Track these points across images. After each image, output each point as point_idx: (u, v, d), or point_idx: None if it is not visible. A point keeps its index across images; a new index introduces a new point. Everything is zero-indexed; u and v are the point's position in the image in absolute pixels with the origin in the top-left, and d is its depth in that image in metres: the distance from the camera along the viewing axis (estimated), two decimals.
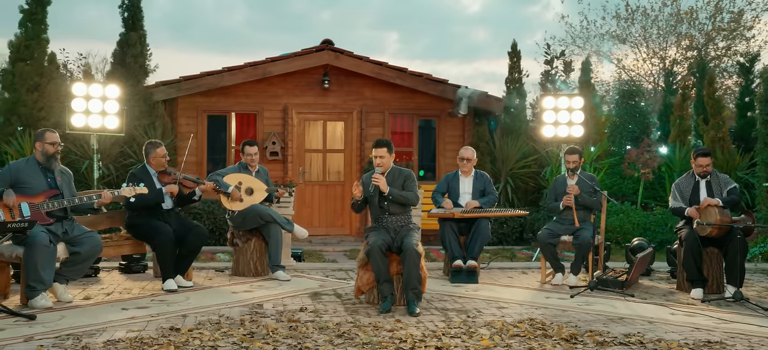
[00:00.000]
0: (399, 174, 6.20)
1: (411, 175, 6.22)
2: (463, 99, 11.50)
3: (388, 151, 6.15)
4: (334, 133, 11.81)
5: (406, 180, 6.15)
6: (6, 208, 5.67)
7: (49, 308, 5.57)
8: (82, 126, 8.90)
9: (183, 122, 11.25)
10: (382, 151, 6.12)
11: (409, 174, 6.22)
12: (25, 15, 10.27)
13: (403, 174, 6.21)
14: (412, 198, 6.11)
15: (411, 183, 6.15)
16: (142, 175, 6.64)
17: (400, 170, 6.24)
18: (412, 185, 6.16)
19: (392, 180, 6.15)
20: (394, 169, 6.23)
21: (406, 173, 6.22)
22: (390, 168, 6.21)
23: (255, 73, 11.16)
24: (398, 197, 6.04)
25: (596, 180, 7.57)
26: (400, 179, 6.17)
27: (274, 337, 4.81)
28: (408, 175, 6.20)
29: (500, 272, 8.16)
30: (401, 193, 6.07)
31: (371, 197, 6.14)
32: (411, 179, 6.17)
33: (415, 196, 6.13)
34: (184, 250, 6.65)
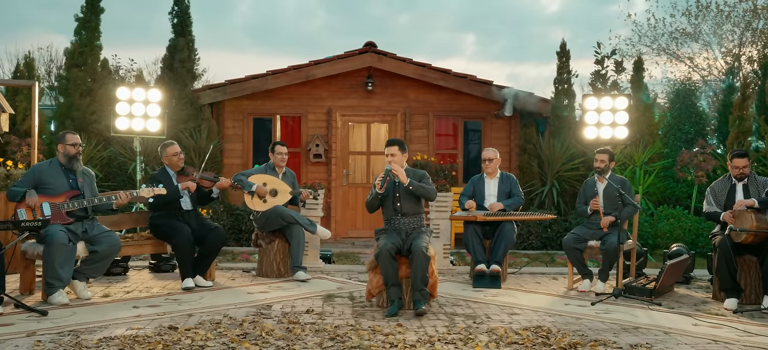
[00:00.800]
0: (413, 174, 6.14)
1: (426, 174, 6.17)
2: (508, 100, 11.29)
3: (400, 149, 6.10)
4: (378, 135, 11.81)
5: (422, 178, 6.09)
6: (28, 208, 5.91)
7: (65, 305, 5.77)
8: (125, 129, 9.20)
9: (229, 125, 11.47)
10: (393, 148, 6.08)
11: (424, 173, 6.16)
12: (80, 23, 10.72)
13: (418, 173, 6.15)
14: (431, 192, 6.06)
15: (427, 180, 6.10)
16: (161, 176, 6.81)
17: (414, 170, 6.19)
18: (428, 182, 6.10)
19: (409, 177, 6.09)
20: (408, 170, 6.17)
21: (421, 172, 6.17)
22: (404, 167, 6.15)
23: (298, 75, 11.27)
24: (418, 188, 5.97)
25: (627, 184, 7.28)
26: (416, 178, 6.11)
27: (266, 339, 4.82)
28: (423, 174, 6.14)
29: (530, 277, 7.96)
30: (421, 185, 5.99)
31: (386, 197, 6.09)
32: (426, 177, 6.12)
33: (433, 190, 6.09)
34: (203, 250, 6.77)
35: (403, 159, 6.15)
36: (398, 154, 6.08)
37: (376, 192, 6.06)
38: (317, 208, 8.13)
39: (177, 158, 6.91)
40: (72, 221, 6.05)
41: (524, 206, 11.06)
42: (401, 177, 5.95)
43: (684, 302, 6.58)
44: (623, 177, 7.46)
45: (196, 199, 6.95)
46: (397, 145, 6.10)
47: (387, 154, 6.13)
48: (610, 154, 7.35)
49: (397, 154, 6.08)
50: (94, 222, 6.27)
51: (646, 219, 10.35)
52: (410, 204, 6.05)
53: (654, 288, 6.61)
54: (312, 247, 8.12)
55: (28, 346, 4.53)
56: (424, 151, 11.52)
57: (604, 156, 7.30)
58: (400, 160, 6.09)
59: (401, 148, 6.11)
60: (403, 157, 6.13)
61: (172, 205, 6.74)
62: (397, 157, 6.08)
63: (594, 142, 9.65)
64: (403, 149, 6.12)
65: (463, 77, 11.44)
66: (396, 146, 6.09)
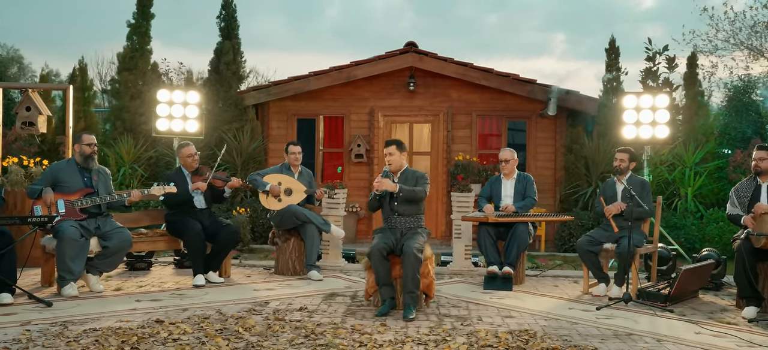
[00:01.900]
0: (412, 175, 6.15)
1: (424, 176, 6.16)
2: (551, 98, 11.04)
3: (398, 149, 6.10)
4: (421, 135, 11.78)
5: (418, 180, 6.08)
6: (44, 205, 6.25)
7: (74, 297, 6.07)
8: (165, 129, 9.56)
9: (274, 125, 11.72)
10: (391, 148, 6.10)
11: (422, 175, 6.15)
12: (132, 28, 11.21)
13: (416, 175, 6.15)
14: (420, 192, 6.03)
15: (423, 182, 6.08)
16: (176, 175, 7.05)
17: (414, 172, 6.19)
18: (423, 184, 6.09)
19: (404, 180, 6.10)
20: (408, 170, 6.17)
21: (420, 174, 6.16)
22: (403, 167, 6.16)
23: (340, 76, 11.39)
24: (408, 192, 5.97)
25: (647, 186, 7.00)
26: (413, 180, 6.11)
27: (241, 334, 4.93)
28: (421, 176, 6.14)
29: (552, 280, 7.76)
30: (411, 188, 5.98)
31: (383, 197, 6.11)
32: (424, 179, 6.12)
33: (422, 191, 6.05)
34: (215, 247, 6.97)
35: (402, 158, 6.15)
36: (396, 153, 6.09)
37: (374, 194, 6.08)
38: (338, 208, 8.20)
39: (191, 159, 7.14)
40: (85, 217, 6.36)
41: (567, 208, 10.82)
42: (388, 187, 5.95)
43: (702, 309, 6.26)
44: (645, 178, 7.17)
45: (210, 198, 7.15)
46: (395, 144, 6.12)
47: (385, 154, 6.15)
48: (631, 154, 7.08)
49: (395, 153, 6.09)
50: (107, 219, 6.56)
51: (693, 223, 9.90)
52: (406, 204, 6.04)
53: (668, 293, 6.33)
54: (334, 246, 8.19)
55: (17, 334, 4.80)
56: (466, 152, 11.41)
57: (623, 155, 7.05)
58: (398, 159, 6.10)
59: (399, 148, 6.12)
60: (401, 156, 6.13)
61: (185, 204, 6.96)
62: (395, 155, 6.09)
63: (633, 141, 9.31)
64: (401, 149, 6.13)
65: (505, 76, 11.25)
66: (394, 146, 6.11)
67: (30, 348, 4.47)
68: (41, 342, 4.62)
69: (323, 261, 8.20)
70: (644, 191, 6.97)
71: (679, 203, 10.37)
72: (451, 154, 11.45)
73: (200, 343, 4.67)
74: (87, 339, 4.70)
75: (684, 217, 9.99)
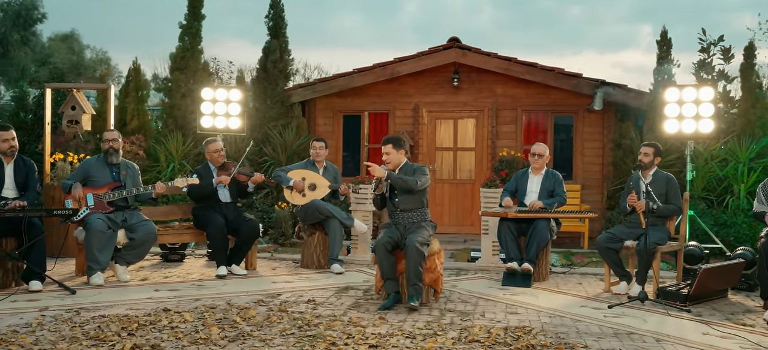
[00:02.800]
0: (410, 168, 6.15)
1: (422, 168, 6.14)
2: (597, 93, 10.79)
3: (394, 147, 6.10)
4: (466, 130, 11.72)
5: (415, 172, 6.08)
6: (74, 199, 6.62)
7: (99, 285, 6.41)
8: (209, 127, 9.89)
9: (321, 122, 11.92)
10: (387, 147, 6.09)
11: (420, 167, 6.14)
12: (183, 29, 11.63)
13: (414, 167, 6.14)
14: (411, 182, 5.97)
15: (419, 173, 6.06)
16: (204, 170, 7.31)
17: (412, 165, 6.19)
18: (419, 175, 6.06)
19: (405, 174, 6.10)
20: (407, 165, 6.18)
21: (417, 167, 6.15)
22: (402, 163, 6.16)
23: (383, 73, 11.47)
24: (397, 180, 5.96)
25: (673, 182, 6.79)
26: (411, 172, 6.10)
27: (238, 324, 5.11)
28: (418, 168, 6.12)
29: (578, 277, 7.61)
30: (400, 177, 5.97)
31: (385, 195, 6.15)
32: (421, 171, 6.09)
33: (414, 181, 5.98)
34: (238, 241, 7.20)
35: (400, 156, 6.12)
36: (393, 151, 6.08)
37: (375, 194, 6.13)
38: (365, 203, 8.30)
39: (218, 154, 7.38)
40: (112, 210, 6.69)
41: (614, 204, 10.55)
42: (377, 172, 5.98)
43: (724, 310, 6.03)
44: (670, 174, 6.94)
45: (235, 192, 7.38)
46: (392, 143, 6.10)
47: (383, 154, 6.13)
48: (657, 149, 6.88)
49: (391, 151, 6.08)
50: (134, 212, 6.88)
51: (745, 221, 9.48)
52: (407, 200, 6.06)
53: (687, 293, 6.13)
54: (362, 241, 8.30)
55: (32, 319, 5.13)
56: (512, 147, 11.29)
57: (649, 150, 6.86)
58: (395, 157, 6.09)
59: (395, 146, 6.09)
60: (398, 154, 6.11)
61: (210, 197, 7.21)
62: (392, 154, 6.08)
63: (675, 136, 9.02)
64: (397, 147, 6.10)
65: (550, 70, 11.07)
66: (390, 144, 6.09)
67: (36, 332, 4.77)
68: (49, 326, 4.93)
69: (352, 255, 8.32)
70: (671, 188, 6.77)
71: (731, 200, 9.95)
72: (495, 150, 11.36)
73: (194, 331, 4.86)
74: (91, 325, 4.97)
75: (735, 215, 9.58)
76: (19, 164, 6.40)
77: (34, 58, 33.25)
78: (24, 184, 6.38)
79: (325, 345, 4.60)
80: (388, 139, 6.13)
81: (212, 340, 4.64)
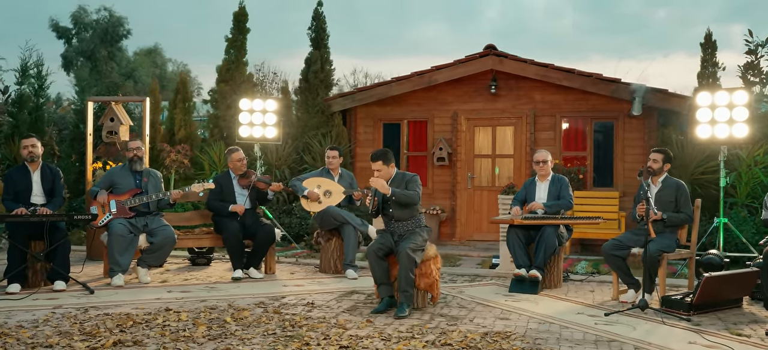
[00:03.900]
0: (402, 177, 6.23)
1: (414, 177, 6.21)
2: (636, 98, 10.57)
3: (384, 162, 6.15)
4: (504, 138, 11.69)
5: (408, 182, 6.16)
6: (99, 205, 7.07)
7: (119, 286, 6.82)
8: (247, 136, 10.28)
9: (361, 130, 12.14)
10: (377, 164, 6.14)
11: (412, 176, 6.21)
12: (229, 43, 12.11)
13: (406, 177, 6.22)
14: (414, 196, 6.08)
15: (413, 184, 6.15)
16: (224, 178, 7.65)
17: (403, 174, 6.27)
18: (414, 185, 6.15)
19: (396, 184, 6.19)
20: (398, 174, 6.27)
21: (410, 176, 6.23)
22: (393, 176, 6.25)
23: (421, 81, 11.59)
24: (401, 196, 6.06)
25: (683, 189, 6.65)
26: (403, 182, 6.19)
27: (226, 324, 5.37)
28: (411, 178, 6.20)
29: (593, 285, 7.51)
30: (404, 192, 6.08)
31: (380, 205, 6.26)
32: (414, 181, 6.17)
33: (416, 195, 6.10)
34: (254, 245, 7.48)
35: (390, 170, 6.21)
36: (384, 167, 6.16)
37: (369, 210, 6.25)
38: None
39: (240, 163, 7.70)
40: (133, 215, 7.09)
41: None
42: (381, 188, 6.06)
43: (728, 320, 5.86)
44: (680, 181, 6.79)
45: (255, 199, 7.68)
46: (381, 159, 6.17)
47: (373, 169, 6.22)
48: (666, 155, 6.76)
49: (382, 168, 6.14)
50: (155, 217, 7.27)
51: None
52: (400, 209, 6.15)
53: (691, 302, 5.99)
54: None
55: (41, 315, 5.54)
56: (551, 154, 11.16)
57: (658, 156, 6.75)
58: (386, 173, 6.17)
59: (385, 161, 6.16)
60: (389, 168, 6.19)
61: (228, 204, 7.53)
62: (383, 170, 6.16)
63: (708, 141, 8.77)
64: (387, 161, 6.18)
65: (587, 76, 10.91)
66: (380, 161, 6.16)
67: (39, 327, 5.17)
68: (53, 322, 5.32)
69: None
70: (680, 195, 6.63)
71: None
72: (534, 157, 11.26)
73: (181, 330, 5.14)
74: (91, 322, 5.33)
75: None
76: (45, 171, 6.90)
77: (120, 71, 35.00)
78: (51, 190, 6.88)
79: (298, 344, 4.78)
80: (377, 155, 6.17)
81: (193, 338, 4.91)
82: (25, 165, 6.91)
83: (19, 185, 6.79)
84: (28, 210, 6.66)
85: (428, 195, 11.79)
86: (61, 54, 34.55)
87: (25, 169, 6.89)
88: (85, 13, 35.36)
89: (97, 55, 34.48)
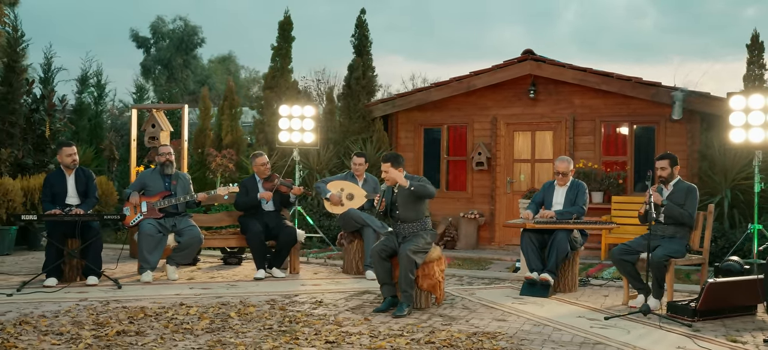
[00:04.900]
0: (410, 180, 6.40)
1: (423, 178, 6.40)
2: (676, 102, 10.39)
3: (393, 165, 6.35)
4: (544, 142, 11.67)
5: (420, 181, 6.34)
6: (131, 206, 7.53)
7: (147, 282, 7.25)
8: (286, 141, 10.65)
9: (402, 135, 12.36)
10: (386, 165, 6.36)
11: (420, 178, 6.40)
12: (275, 51, 12.54)
13: (415, 178, 6.40)
14: (429, 187, 6.27)
15: (423, 181, 6.34)
16: (249, 182, 8.01)
17: (411, 177, 6.44)
18: (424, 182, 6.34)
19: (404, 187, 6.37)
20: (407, 177, 6.44)
21: (418, 178, 6.41)
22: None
23: (460, 86, 11.71)
24: (419, 188, 6.20)
25: (692, 191, 6.57)
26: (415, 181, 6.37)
27: (229, 318, 5.67)
28: (420, 179, 6.38)
29: (610, 290, 7.46)
30: (421, 184, 6.22)
31: (388, 206, 6.46)
32: (423, 180, 6.36)
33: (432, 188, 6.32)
34: (277, 246, 7.81)
35: (399, 172, 6.38)
36: (392, 170, 6.35)
37: (377, 211, 6.46)
38: None
39: (264, 167, 8.04)
40: (162, 216, 7.53)
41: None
42: (402, 181, 6.24)
43: (734, 326, 5.78)
44: (692, 185, 6.71)
45: (278, 201, 8.01)
46: (391, 161, 6.37)
47: (382, 171, 6.43)
48: (672, 159, 6.70)
49: (390, 170, 6.34)
50: (183, 218, 7.69)
51: None
52: (408, 211, 6.32)
53: (695, 308, 5.93)
54: None
55: (66, 306, 5.99)
56: (590, 159, 11.12)
57: (664, 162, 6.69)
58: (395, 175, 6.35)
59: (394, 164, 6.35)
60: (397, 171, 6.36)
61: (254, 206, 7.89)
62: (391, 171, 6.35)
63: (742, 145, 8.56)
64: (396, 164, 6.36)
65: (626, 80, 10.79)
66: (389, 163, 6.36)
67: (59, 317, 5.61)
68: (73, 313, 5.75)
69: None
70: (689, 197, 6.56)
71: None
72: (573, 162, 11.20)
73: (186, 323, 5.48)
74: (107, 314, 5.74)
75: None
76: (79, 175, 7.43)
77: (195, 79, 36.33)
78: (85, 192, 7.40)
79: (287, 338, 5.04)
80: (388, 158, 6.39)
81: (192, 330, 5.23)
82: (61, 169, 7.44)
83: (55, 188, 7.33)
84: (64, 211, 7.17)
85: (467, 199, 11.89)
86: (140, 63, 36.10)
87: (61, 173, 7.44)
88: (163, 23, 36.86)
89: (174, 63, 35.94)
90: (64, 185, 7.34)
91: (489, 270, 8.91)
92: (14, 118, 10.77)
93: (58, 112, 11.40)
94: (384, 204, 6.43)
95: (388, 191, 6.46)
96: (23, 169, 10.59)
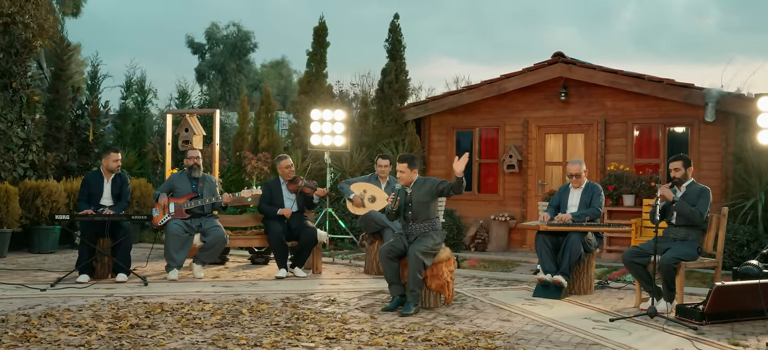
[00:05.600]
0: (423, 182, 6.55)
1: (436, 179, 6.54)
2: (709, 103, 10.25)
3: (409, 166, 6.52)
4: (575, 145, 11.63)
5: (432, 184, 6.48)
6: (160, 207, 7.88)
7: (173, 280, 7.58)
8: (317, 144, 10.92)
9: (435, 138, 12.48)
10: (402, 165, 6.53)
11: (433, 179, 6.54)
12: (310, 56, 12.84)
13: (428, 181, 6.54)
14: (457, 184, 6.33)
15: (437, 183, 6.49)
16: (274, 184, 8.27)
17: (424, 179, 6.58)
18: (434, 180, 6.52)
19: (418, 188, 6.53)
20: (419, 178, 6.59)
21: (432, 180, 6.55)
22: (414, 179, 6.58)
23: (491, 89, 11.78)
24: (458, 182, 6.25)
25: (704, 193, 6.52)
26: (426, 185, 6.51)
27: (240, 314, 5.91)
28: (433, 180, 6.52)
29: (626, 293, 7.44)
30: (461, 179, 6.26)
31: (401, 206, 6.62)
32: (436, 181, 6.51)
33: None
34: (298, 246, 8.05)
35: (413, 175, 6.53)
36: (407, 171, 6.51)
37: (390, 209, 6.62)
38: None
39: (289, 170, 8.30)
40: (188, 217, 7.85)
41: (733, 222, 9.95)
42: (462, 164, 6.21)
43: (743, 330, 5.73)
44: (705, 187, 6.65)
45: (302, 203, 8.25)
46: (407, 162, 6.54)
47: (398, 171, 6.59)
48: (685, 160, 6.67)
49: (405, 170, 6.51)
50: (209, 219, 8.00)
51: None
52: (420, 212, 6.47)
53: (702, 311, 5.91)
54: None
55: (92, 301, 6.34)
56: (622, 161, 11.04)
57: (678, 164, 6.66)
58: (408, 176, 6.51)
59: (410, 165, 6.52)
60: (412, 172, 6.52)
61: (277, 207, 8.15)
62: (406, 172, 6.51)
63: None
64: (412, 166, 6.53)
65: (658, 81, 10.68)
66: (405, 164, 6.53)
67: (82, 311, 5.95)
68: (96, 307, 6.09)
69: None
70: (701, 198, 6.53)
71: None
72: (605, 164, 11.17)
73: (198, 318, 5.74)
74: (127, 309, 6.05)
75: None
76: (116, 178, 7.82)
77: (248, 83, 37.07)
78: (119, 195, 7.78)
79: (290, 334, 5.25)
80: (404, 158, 6.57)
81: (202, 325, 5.49)
82: (101, 171, 7.84)
83: (92, 188, 7.74)
84: (97, 211, 7.56)
85: (499, 202, 11.94)
86: (195, 68, 37.04)
87: (99, 175, 7.84)
88: (217, 29, 37.75)
89: (227, 68, 36.80)
90: (101, 187, 7.74)
91: (513, 272, 8.96)
92: (60, 124, 11.35)
93: (102, 117, 11.93)
94: (398, 203, 6.58)
95: (402, 191, 6.61)
96: (68, 172, 11.13)
